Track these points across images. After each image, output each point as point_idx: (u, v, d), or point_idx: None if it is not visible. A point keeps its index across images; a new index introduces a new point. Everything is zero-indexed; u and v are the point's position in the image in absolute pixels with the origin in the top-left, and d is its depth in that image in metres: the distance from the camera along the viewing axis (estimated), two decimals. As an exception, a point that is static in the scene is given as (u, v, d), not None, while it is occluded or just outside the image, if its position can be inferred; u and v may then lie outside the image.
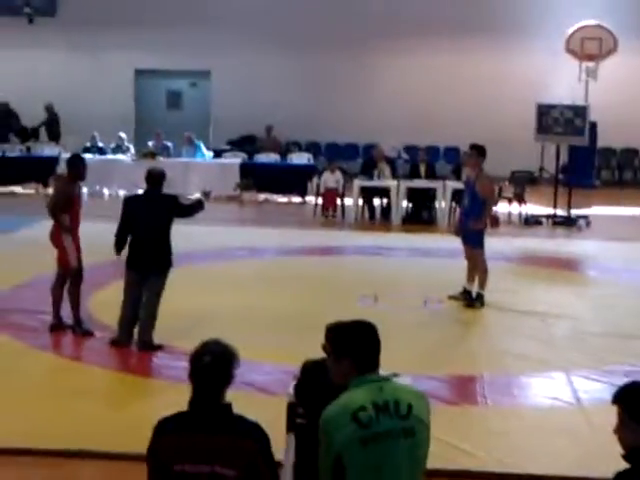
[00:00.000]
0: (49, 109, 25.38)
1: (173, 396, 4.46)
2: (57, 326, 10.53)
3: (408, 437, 4.10)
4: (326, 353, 5.87)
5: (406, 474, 4.10)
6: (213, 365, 4.17)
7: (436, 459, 4.37)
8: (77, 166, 10.61)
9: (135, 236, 9.90)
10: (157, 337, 9.92)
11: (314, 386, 5.71)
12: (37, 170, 21.91)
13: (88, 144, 22.99)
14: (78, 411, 8.09)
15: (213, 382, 4.15)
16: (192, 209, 10.25)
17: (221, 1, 26.37)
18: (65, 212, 10.36)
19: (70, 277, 10.52)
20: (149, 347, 9.80)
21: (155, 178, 9.99)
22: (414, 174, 19.32)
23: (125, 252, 10.02)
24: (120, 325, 10.00)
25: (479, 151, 11.95)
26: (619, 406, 3.90)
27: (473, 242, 12.01)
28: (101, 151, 22.67)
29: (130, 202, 10.21)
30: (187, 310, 11.12)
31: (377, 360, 4.27)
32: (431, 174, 19.32)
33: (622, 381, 9.18)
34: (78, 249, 10.52)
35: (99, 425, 7.78)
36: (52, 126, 25.43)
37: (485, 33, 25.59)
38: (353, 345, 4.24)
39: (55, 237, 10.44)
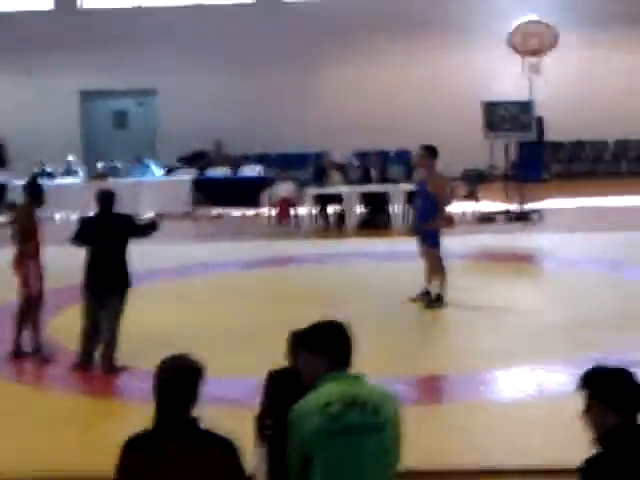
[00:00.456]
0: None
1: (140, 416, 4.40)
2: (18, 353, 10.39)
3: (375, 433, 4.11)
4: (291, 357, 5.87)
5: (372, 471, 4.10)
6: (176, 379, 4.14)
7: (405, 459, 4.35)
8: (36, 192, 10.53)
9: (91, 257, 9.81)
10: (120, 358, 9.84)
11: (280, 394, 5.69)
12: (-14, 199, 21.67)
13: (36, 170, 22.78)
14: (45, 438, 8.00)
15: (176, 396, 4.11)
16: (146, 229, 10.18)
17: (164, 19, 26.30)
18: (29, 240, 10.25)
19: (31, 303, 10.38)
20: (112, 370, 9.71)
21: (106, 199, 9.93)
22: (366, 179, 19.35)
23: (80, 275, 9.93)
24: (81, 348, 9.88)
25: (430, 151, 11.98)
26: (585, 391, 3.91)
27: (429, 242, 12.04)
28: (50, 176, 22.48)
29: (84, 223, 10.16)
30: (148, 330, 11.02)
31: (350, 357, 4.30)
32: (383, 178, 19.37)
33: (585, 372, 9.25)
34: (41, 275, 10.40)
35: (66, 450, 7.69)
36: (-2, 154, 25.24)
37: (428, 32, 25.77)
38: (329, 341, 4.28)
39: (18, 264, 10.32)
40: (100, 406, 8.98)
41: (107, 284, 9.72)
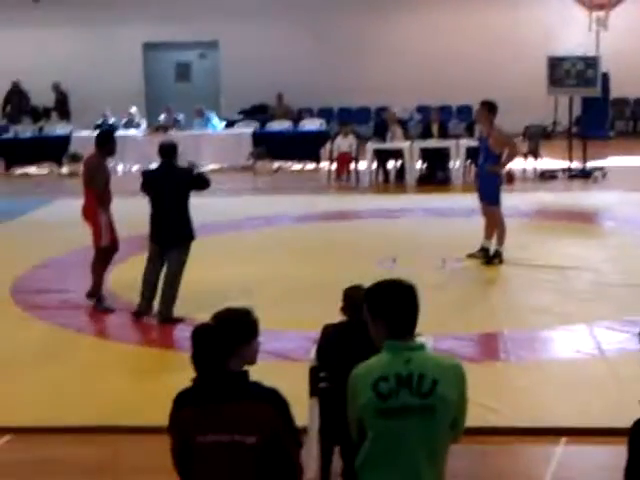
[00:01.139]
0: (57, 88, 25.40)
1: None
2: (97, 300, 10.56)
3: (426, 415, 3.97)
4: (345, 315, 5.90)
5: (422, 451, 3.99)
6: (210, 332, 4.16)
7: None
8: (108, 142, 10.54)
9: (154, 210, 9.92)
10: (179, 310, 9.95)
11: (335, 348, 5.73)
12: (50, 150, 21.94)
13: (99, 121, 22.99)
14: (103, 387, 8.14)
15: (211, 348, 4.10)
16: (205, 182, 10.18)
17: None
18: (103, 189, 10.34)
19: (100, 254, 10.52)
20: (169, 320, 9.83)
21: (168, 151, 9.98)
22: (427, 134, 19.23)
23: (140, 227, 10.06)
24: (142, 296, 10.05)
25: (489, 107, 11.86)
26: None
27: (489, 199, 11.97)
28: (112, 127, 22.63)
29: (147, 176, 10.25)
30: (207, 282, 11.12)
31: (413, 324, 4.09)
32: (444, 133, 19.22)
33: (644, 330, 9.12)
34: (112, 226, 10.52)
35: (124, 400, 7.82)
36: (62, 105, 25.46)
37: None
38: (387, 306, 4.06)
39: (90, 214, 10.44)
40: (157, 357, 9.09)
41: (170, 236, 9.83)
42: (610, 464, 6.60)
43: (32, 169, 22.22)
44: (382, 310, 4.08)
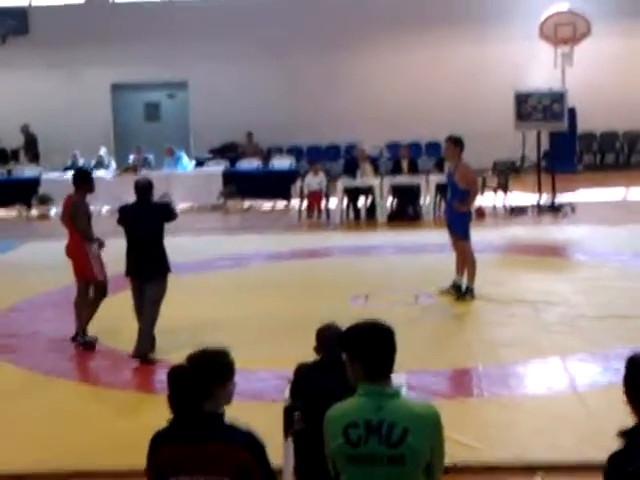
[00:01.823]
0: (25, 130, 25.34)
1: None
2: (82, 339, 10.51)
3: (394, 465, 3.95)
4: (317, 354, 5.88)
5: None
6: (185, 374, 4.15)
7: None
8: (86, 180, 10.70)
9: (131, 244, 9.99)
10: (156, 350, 9.92)
11: (309, 388, 5.70)
12: (19, 192, 21.84)
13: (69, 162, 22.93)
14: (75, 430, 8.05)
15: (185, 390, 4.09)
16: (172, 214, 10.26)
17: (192, 11, 26.33)
18: (86, 226, 10.44)
19: (95, 289, 10.56)
20: (145, 361, 9.79)
21: (144, 188, 10.07)
22: (397, 170, 19.31)
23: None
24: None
25: (455, 142, 11.94)
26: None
27: (459, 233, 12.01)
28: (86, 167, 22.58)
29: (123, 211, 10.29)
30: (179, 321, 11.06)
31: (389, 366, 4.09)
32: (414, 169, 19.31)
33: (616, 364, 9.21)
34: (102, 261, 10.59)
35: (97, 444, 7.74)
36: (30, 147, 25.39)
37: (459, 24, 25.59)
38: (364, 348, 4.06)
39: (77, 251, 10.47)
40: (130, 398, 9.00)
41: (147, 270, 9.88)
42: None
43: (0, 212, 22.10)
44: (359, 352, 4.07)
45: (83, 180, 10.64)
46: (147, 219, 9.95)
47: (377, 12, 25.84)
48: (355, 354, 4.08)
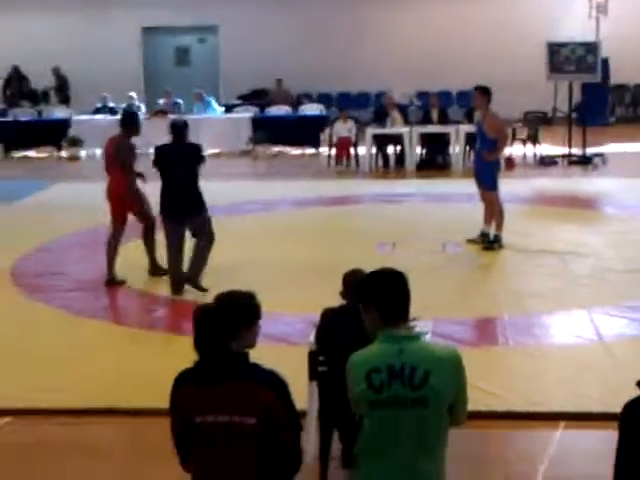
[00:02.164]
0: (57, 72, 25.36)
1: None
2: (112, 281, 10.65)
3: (418, 407, 3.96)
4: (344, 299, 5.89)
5: (417, 441, 3.99)
6: (213, 313, 4.17)
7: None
8: (134, 123, 10.83)
9: (167, 183, 10.09)
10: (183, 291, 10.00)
11: (334, 333, 5.73)
12: (49, 133, 21.92)
13: (99, 105, 22.96)
14: (103, 369, 8.14)
15: (212, 329, 4.12)
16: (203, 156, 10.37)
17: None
18: (131, 169, 10.58)
19: (149, 227, 10.78)
20: (198, 288, 9.97)
21: (179, 129, 10.19)
22: (427, 120, 19.21)
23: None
24: (171, 277, 10.21)
25: (483, 91, 11.86)
26: None
27: (487, 184, 11.96)
28: (112, 111, 22.60)
29: (159, 151, 10.37)
30: (207, 266, 11.14)
31: (405, 311, 4.10)
32: (444, 119, 19.19)
33: (644, 316, 9.12)
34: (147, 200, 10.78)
35: (127, 382, 7.82)
36: (61, 89, 25.42)
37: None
38: (378, 294, 4.08)
39: (123, 191, 10.59)
40: (157, 339, 9.06)
41: (185, 208, 10.02)
42: (608, 449, 6.61)
43: (31, 153, 22.21)
44: (374, 298, 4.09)
45: (131, 122, 10.79)
46: (183, 159, 10.08)
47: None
48: (370, 300, 4.10)
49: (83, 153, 21.60)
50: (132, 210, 10.72)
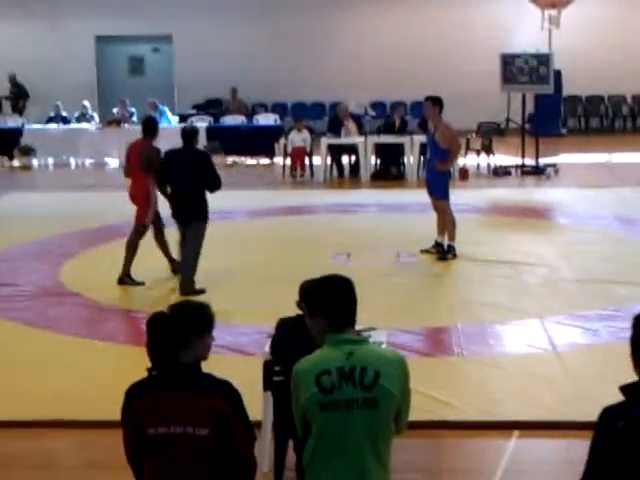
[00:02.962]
0: (12, 80, 25.13)
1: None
2: (125, 280, 10.86)
3: (369, 408, 3.97)
4: (300, 309, 5.87)
5: (366, 444, 3.98)
6: (164, 322, 4.15)
7: (413, 411, 4.32)
8: (155, 128, 11.33)
9: (173, 189, 10.43)
10: (136, 304, 9.91)
11: (289, 342, 5.71)
12: (1, 142, 21.67)
13: (52, 114, 22.79)
14: (52, 380, 8.05)
15: (163, 341, 4.10)
16: (217, 183, 10.54)
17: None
18: (152, 171, 10.75)
19: (140, 230, 10.99)
20: (192, 293, 10.04)
21: (188, 135, 10.64)
22: (388, 129, 19.19)
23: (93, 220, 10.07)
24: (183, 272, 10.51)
25: (434, 101, 11.94)
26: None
27: (438, 193, 12.03)
28: (65, 121, 22.47)
29: (169, 156, 10.68)
30: (159, 274, 11.09)
31: (352, 316, 4.12)
32: (403, 129, 19.23)
33: (595, 326, 9.28)
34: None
35: (77, 394, 7.74)
36: (19, 97, 25.14)
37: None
38: (325, 301, 4.10)
39: (140, 197, 10.87)
40: (108, 350, 8.99)
41: (187, 213, 10.37)
42: (561, 457, 6.66)
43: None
44: (321, 304, 4.11)
45: (153, 128, 11.28)
46: (190, 165, 10.35)
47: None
48: (317, 307, 4.12)
49: (35, 162, 21.42)
50: (139, 210, 10.96)
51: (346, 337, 4.08)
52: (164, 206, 10.88)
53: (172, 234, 11.02)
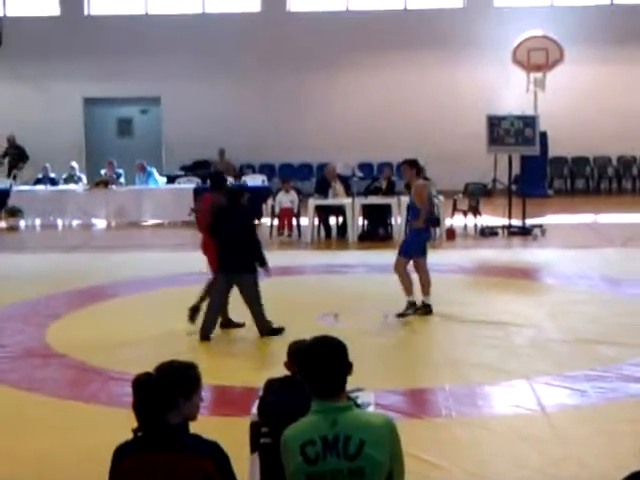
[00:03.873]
0: (11, 141, 25.12)
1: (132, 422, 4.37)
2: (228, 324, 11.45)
3: (355, 477, 3.93)
4: (288, 370, 5.86)
5: None
6: (150, 383, 4.10)
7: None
8: (225, 182, 12.30)
9: (224, 243, 11.09)
10: (121, 365, 9.84)
11: (277, 404, 5.68)
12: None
13: (40, 175, 22.83)
14: (37, 442, 7.97)
15: (150, 402, 4.05)
16: (258, 255, 11.24)
17: (168, 27, 26.35)
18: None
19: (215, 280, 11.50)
20: (272, 332, 10.91)
21: (235, 194, 11.49)
22: (376, 190, 19.29)
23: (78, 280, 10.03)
24: (205, 323, 11.02)
25: (410, 164, 12.19)
26: None
27: (416, 251, 12.11)
28: (53, 182, 22.52)
29: (218, 213, 11.35)
30: (147, 336, 11.04)
31: (337, 383, 4.05)
32: (391, 190, 19.32)
33: (584, 386, 9.26)
34: None
35: (62, 457, 7.66)
36: (19, 160, 24.98)
37: (434, 48, 25.79)
38: (309, 367, 4.07)
39: (210, 248, 11.49)
40: (93, 412, 8.92)
41: (238, 265, 10.99)
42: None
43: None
44: (306, 371, 4.09)
45: (223, 182, 12.24)
46: (239, 221, 11.12)
47: (351, 32, 25.95)
48: (304, 374, 4.09)
49: (22, 224, 21.42)
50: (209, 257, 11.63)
51: (330, 405, 4.03)
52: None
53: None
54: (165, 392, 4.07)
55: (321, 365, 4.04)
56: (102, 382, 9.72)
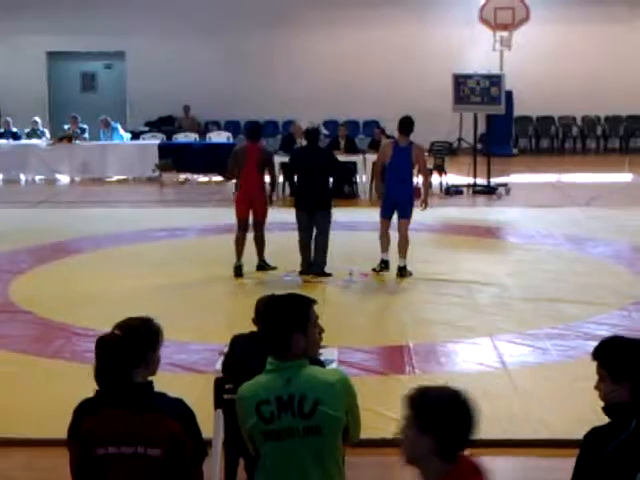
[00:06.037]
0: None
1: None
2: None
3: (312, 435, 3.94)
4: (256, 326, 5.85)
5: (314, 469, 3.97)
6: (121, 340, 4.02)
7: (366, 429, 4.32)
8: (262, 132, 13.12)
9: (302, 182, 11.89)
10: (85, 321, 9.81)
11: (243, 360, 5.68)
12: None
13: (1, 130, 22.59)
14: (1, 398, 7.95)
15: (120, 357, 3.98)
16: (340, 175, 12.78)
17: (133, -20, 26.03)
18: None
19: (261, 223, 12.43)
20: (322, 273, 11.70)
21: (313, 135, 11.98)
22: (334, 148, 19.26)
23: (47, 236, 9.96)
24: (302, 258, 11.87)
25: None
26: (598, 362, 3.67)
27: (411, 212, 12.20)
28: (15, 136, 22.28)
29: (295, 154, 12.58)
30: (111, 293, 11.00)
31: (284, 340, 3.98)
32: (351, 148, 19.31)
33: (545, 344, 9.34)
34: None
35: (23, 411, 7.64)
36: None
37: (401, 4, 25.63)
38: (263, 325, 4.11)
39: (259, 195, 12.18)
40: (56, 368, 8.90)
41: (314, 202, 11.69)
42: (514, 476, 6.69)
43: None
44: (262, 328, 4.13)
45: (261, 133, 12.84)
46: (316, 161, 11.71)
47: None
48: (261, 330, 4.13)
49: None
50: (260, 208, 12.15)
51: (284, 363, 4.00)
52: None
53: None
54: (136, 348, 4.02)
55: (270, 319, 4.05)
56: (66, 338, 9.69)
